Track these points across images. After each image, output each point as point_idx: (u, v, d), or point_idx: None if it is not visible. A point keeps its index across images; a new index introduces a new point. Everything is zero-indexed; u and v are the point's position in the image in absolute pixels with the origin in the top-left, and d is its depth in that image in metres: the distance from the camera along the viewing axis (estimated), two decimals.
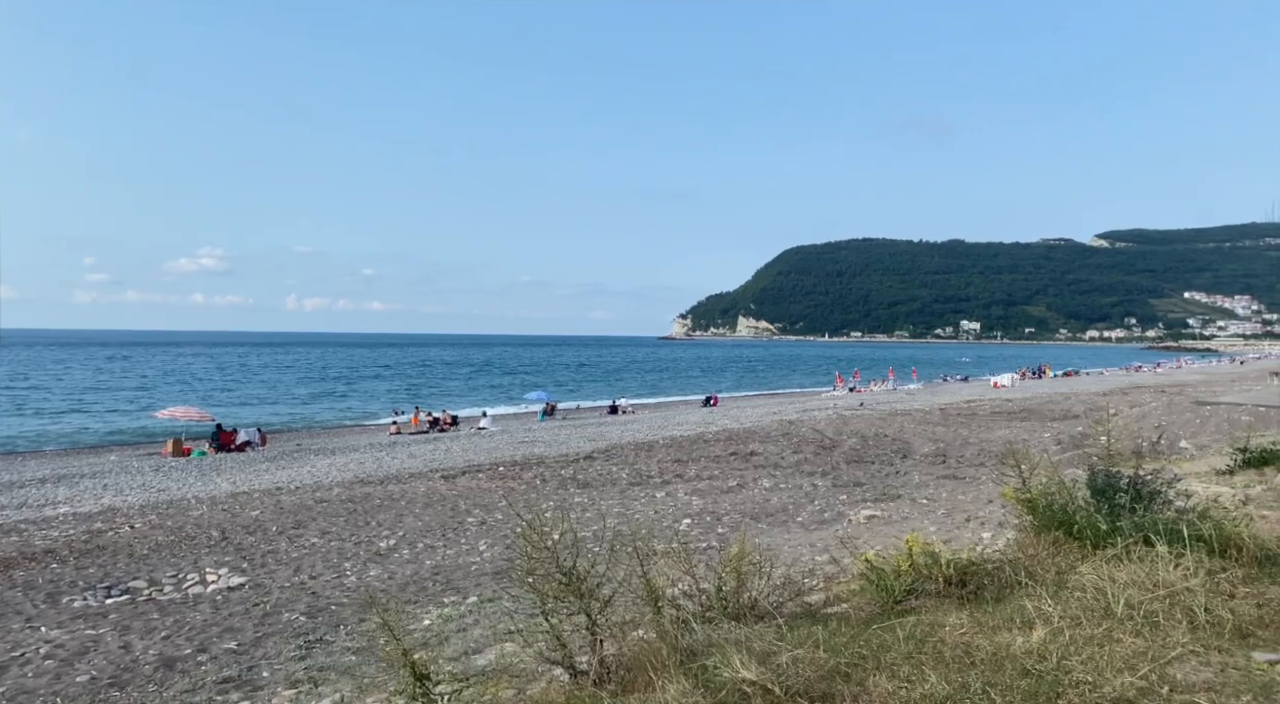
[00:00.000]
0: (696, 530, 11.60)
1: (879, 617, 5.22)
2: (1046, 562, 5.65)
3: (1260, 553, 5.41)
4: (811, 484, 15.62)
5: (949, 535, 9.28)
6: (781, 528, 11.60)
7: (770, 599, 5.53)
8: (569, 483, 16.31)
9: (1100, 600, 4.74)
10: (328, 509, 14.53)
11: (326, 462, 22.55)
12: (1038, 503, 6.13)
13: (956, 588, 5.42)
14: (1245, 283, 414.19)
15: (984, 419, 28.22)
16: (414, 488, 16.53)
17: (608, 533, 11.51)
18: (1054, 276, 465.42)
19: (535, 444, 24.11)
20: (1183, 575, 4.91)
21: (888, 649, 4.28)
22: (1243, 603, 4.72)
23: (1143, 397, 33.72)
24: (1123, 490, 5.89)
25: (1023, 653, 4.13)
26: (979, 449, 20.09)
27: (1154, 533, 5.42)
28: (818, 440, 22.32)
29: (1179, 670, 3.92)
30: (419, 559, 10.57)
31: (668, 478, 16.64)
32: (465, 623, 7.07)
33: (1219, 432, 19.61)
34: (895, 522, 11.21)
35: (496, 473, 17.94)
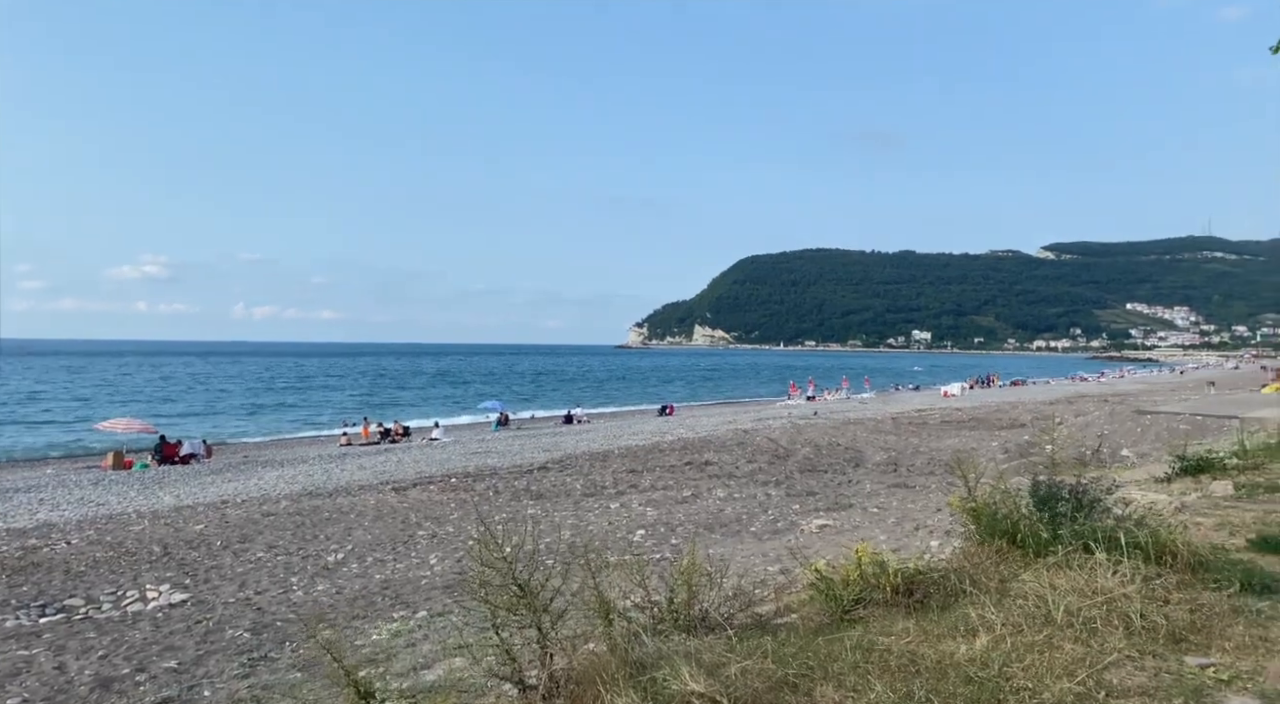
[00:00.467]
0: (650, 541, 11.60)
1: (828, 627, 5.26)
2: (990, 570, 5.75)
3: (1194, 559, 5.58)
4: (765, 493, 15.72)
5: (899, 544, 9.40)
6: (735, 538, 11.65)
7: (721, 610, 5.55)
8: (523, 494, 16.20)
9: (1041, 607, 4.85)
10: (275, 522, 14.24)
11: (274, 474, 22.10)
12: (982, 512, 6.24)
13: (904, 597, 5.49)
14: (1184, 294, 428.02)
15: (934, 428, 28.71)
16: (364, 500, 16.27)
17: (561, 545, 11.50)
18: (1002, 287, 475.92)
19: (489, 455, 23.91)
20: (1120, 582, 5.04)
21: (835, 659, 4.32)
22: (1177, 608, 4.86)
23: (1087, 406, 34.58)
24: (1064, 499, 6.03)
25: (966, 661, 4.20)
26: (929, 458, 20.42)
27: (1093, 540, 5.56)
28: (772, 450, 22.48)
29: (1115, 676, 4.02)
30: (368, 573, 10.40)
31: (622, 488, 16.62)
32: (414, 638, 6.97)
33: (1159, 440, 20.19)
34: (847, 530, 11.32)
35: (449, 484, 17.75)
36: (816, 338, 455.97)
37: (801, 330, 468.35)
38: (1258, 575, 5.48)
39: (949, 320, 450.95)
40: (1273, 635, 4.58)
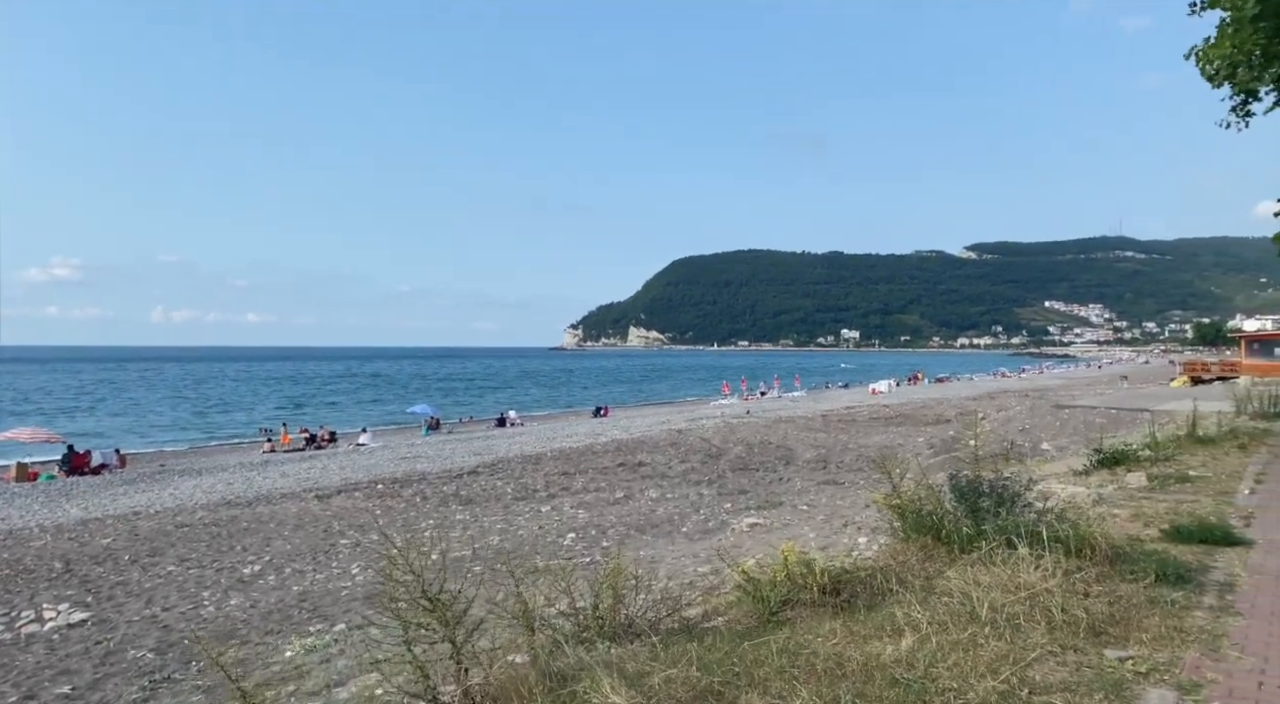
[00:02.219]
0: (581, 545, 11.42)
1: (755, 630, 5.17)
2: (916, 567, 5.74)
3: (1112, 552, 5.66)
4: (698, 493, 15.68)
5: (827, 541, 9.41)
6: (666, 539, 11.55)
7: (648, 616, 5.41)
8: (451, 499, 15.84)
9: (966, 605, 4.83)
10: (189, 534, 13.61)
11: (192, 483, 21.21)
12: (907, 509, 6.24)
13: (831, 597, 5.43)
14: (1098, 292, 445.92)
15: (863, 425, 29.16)
16: (285, 509, 15.69)
17: (489, 551, 11.23)
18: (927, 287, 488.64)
19: (417, 460, 23.38)
20: (1042, 576, 5.06)
21: (761, 664, 4.22)
22: (1096, 601, 4.90)
23: (1009, 401, 35.59)
24: (985, 494, 6.06)
25: (892, 662, 4.14)
26: (858, 454, 20.68)
27: (1016, 536, 5.59)
28: (705, 449, 22.50)
29: (1038, 672, 4.00)
30: (285, 585, 9.97)
31: (554, 491, 16.38)
32: (329, 653, 6.65)
33: (1076, 433, 20.83)
34: (777, 528, 11.32)
35: (374, 491, 17.26)
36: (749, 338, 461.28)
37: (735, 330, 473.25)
38: (1171, 565, 5.58)
39: (876, 319, 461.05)
40: (1187, 626, 4.64)
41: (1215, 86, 10.82)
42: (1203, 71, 10.86)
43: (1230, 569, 5.89)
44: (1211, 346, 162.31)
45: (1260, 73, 10.25)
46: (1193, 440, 13.54)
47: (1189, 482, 9.91)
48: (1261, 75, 10.20)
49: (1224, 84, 10.85)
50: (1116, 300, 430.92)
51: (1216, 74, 10.74)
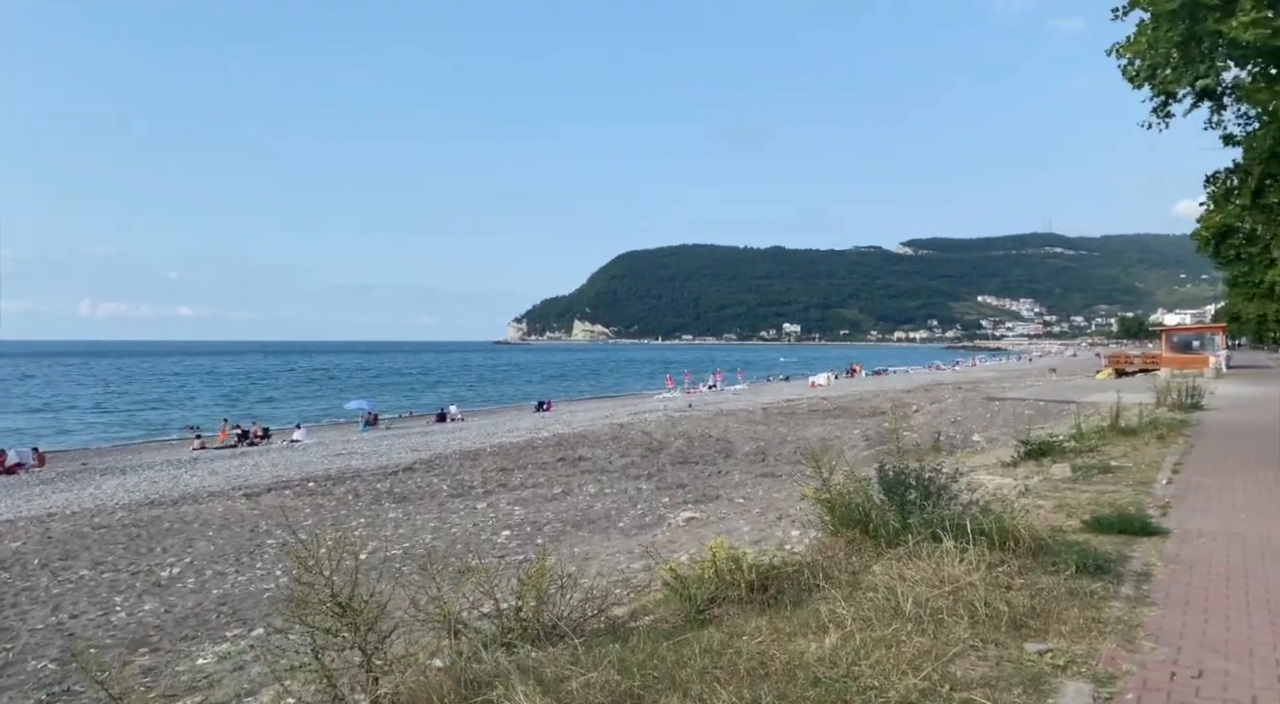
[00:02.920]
0: (515, 542, 11.25)
1: (682, 628, 5.09)
2: (843, 562, 5.73)
3: (1035, 543, 5.72)
4: (636, 488, 15.61)
5: (761, 535, 9.41)
6: (603, 535, 11.45)
7: (573, 617, 5.29)
8: (384, 497, 15.49)
9: (891, 600, 4.82)
10: (106, 536, 13.05)
11: (114, 482, 20.39)
12: (836, 503, 6.23)
13: (759, 593, 5.38)
14: (1029, 287, 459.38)
15: (802, 417, 29.47)
16: (211, 508, 15.17)
17: (420, 550, 10.98)
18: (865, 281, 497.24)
19: (353, 456, 22.86)
20: (967, 570, 5.08)
21: (684, 665, 4.13)
22: (1018, 594, 4.93)
23: (942, 393, 36.34)
24: (912, 487, 6.08)
25: (815, 660, 4.09)
26: (796, 446, 20.84)
27: (942, 528, 5.61)
28: (646, 443, 22.45)
29: (959, 667, 4.00)
30: (205, 588, 9.60)
31: (491, 488, 16.14)
32: (244, 660, 6.38)
33: (1007, 425, 21.31)
34: (713, 522, 11.30)
35: (306, 489, 16.79)
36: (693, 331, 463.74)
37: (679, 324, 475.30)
38: (1091, 557, 5.66)
39: (817, 313, 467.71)
40: (1105, 616, 4.70)
41: (1136, 87, 11.08)
42: (1124, 72, 11.11)
43: (1147, 559, 6.01)
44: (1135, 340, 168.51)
45: (1178, 75, 10.52)
46: (1115, 431, 13.92)
47: (1111, 472, 10.16)
48: (1179, 77, 10.47)
49: (1144, 85, 11.12)
50: (1046, 295, 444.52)
51: (1137, 75, 11.00)
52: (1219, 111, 11.63)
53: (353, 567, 4.29)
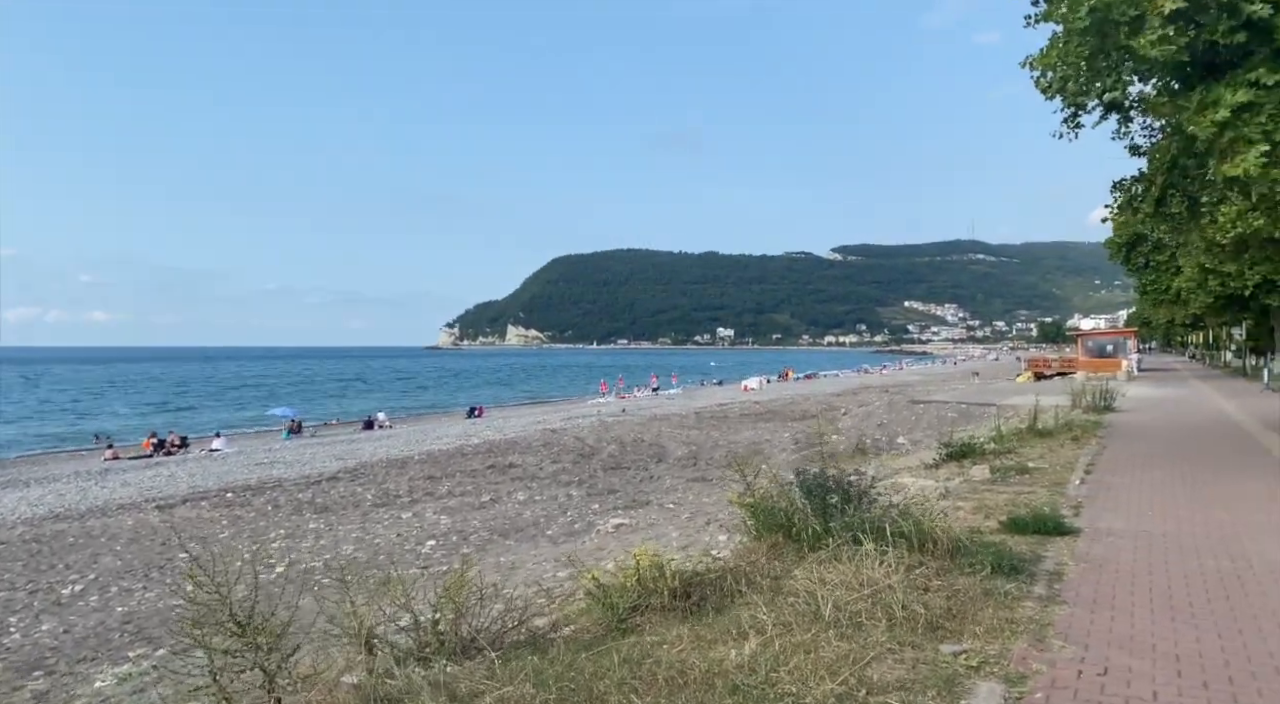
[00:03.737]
0: (440, 552, 11.01)
1: (603, 638, 5.01)
2: (766, 567, 5.73)
3: (953, 545, 5.81)
4: (567, 494, 15.47)
5: (689, 540, 9.39)
6: (530, 543, 11.29)
7: (492, 629, 5.17)
8: (305, 507, 15.02)
9: (811, 604, 4.82)
10: (3, 553, 12.37)
11: (16, 495, 19.36)
12: (759, 508, 6.23)
13: (681, 601, 5.34)
14: (953, 293, 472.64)
15: (734, 421, 29.69)
16: (120, 522, 14.50)
17: (341, 562, 10.66)
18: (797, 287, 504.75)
19: (275, 465, 22.17)
20: (885, 573, 5.12)
21: (601, 676, 4.06)
22: (935, 596, 4.99)
23: (870, 397, 37.06)
24: (833, 491, 6.12)
25: (734, 667, 4.06)
26: (727, 450, 20.96)
27: (862, 532, 5.65)
28: (578, 448, 22.31)
29: (876, 671, 4.01)
30: (109, 606, 9.15)
31: (417, 496, 15.81)
32: (146, 682, 6.07)
33: (930, 427, 21.81)
34: (642, 528, 11.25)
35: (223, 500, 16.19)
36: (629, 336, 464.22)
37: (614, 329, 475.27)
38: (1007, 557, 5.78)
39: (750, 318, 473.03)
40: (1018, 616, 4.79)
41: (1048, 98, 11.44)
42: (1037, 84, 11.46)
43: (1059, 558, 6.16)
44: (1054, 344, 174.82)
45: (1087, 88, 10.90)
46: (1033, 433, 14.36)
47: (1027, 473, 10.45)
48: (1088, 90, 10.85)
49: (1056, 97, 11.49)
50: (970, 300, 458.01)
51: (1049, 87, 11.36)
52: (1126, 123, 12.09)
53: (253, 583, 4.09)
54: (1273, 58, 8.87)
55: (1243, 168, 9.11)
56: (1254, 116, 9.03)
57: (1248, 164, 9.05)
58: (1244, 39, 8.88)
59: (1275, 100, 8.92)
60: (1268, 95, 8.94)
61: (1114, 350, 46.22)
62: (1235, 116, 9.09)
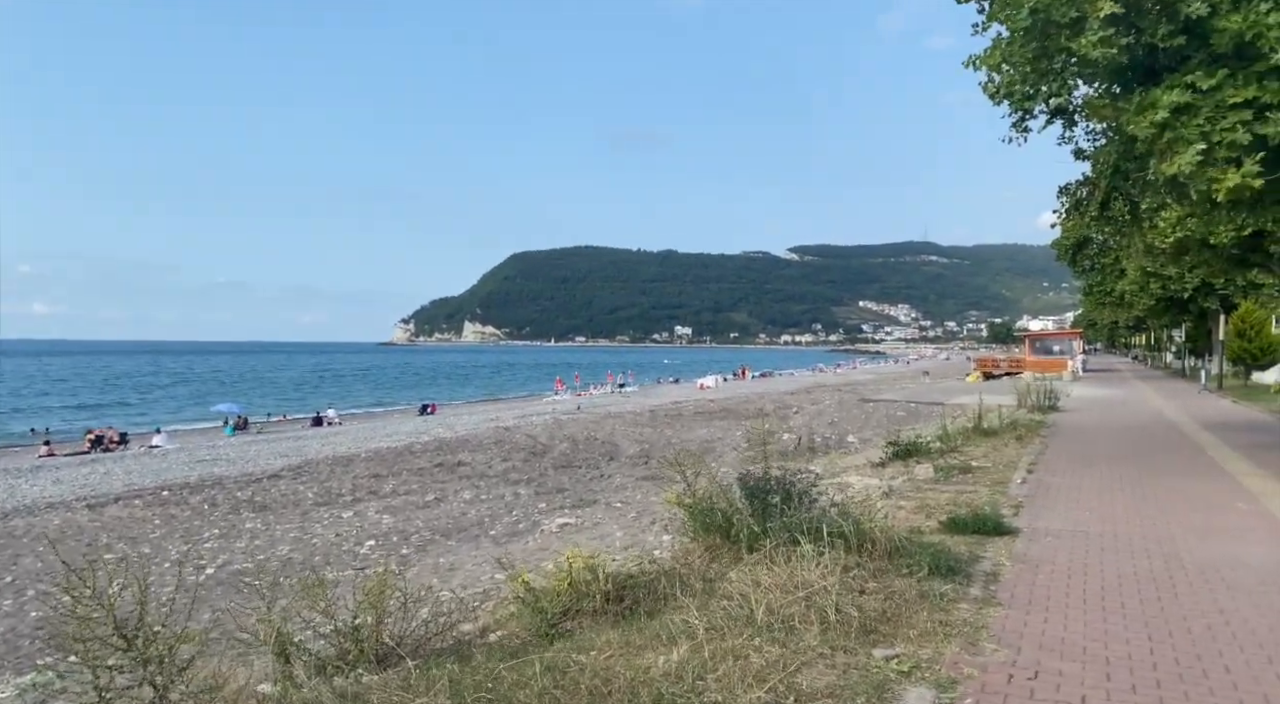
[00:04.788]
0: (378, 553, 10.73)
1: (530, 644, 4.85)
2: (701, 569, 5.61)
3: (891, 546, 5.74)
4: (514, 493, 15.24)
5: (633, 540, 9.27)
6: (472, 543, 11.06)
7: (419, 634, 4.98)
8: (244, 505, 14.59)
9: (744, 607, 4.71)
10: None
11: None
12: (697, 508, 6.12)
13: (614, 604, 5.20)
14: (906, 293, 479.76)
15: (688, 419, 29.65)
16: (46, 521, 13.93)
17: (275, 563, 10.34)
18: (754, 286, 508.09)
19: (216, 463, 21.57)
20: (822, 574, 5.03)
21: (523, 685, 3.89)
22: (871, 598, 4.91)
23: (822, 395, 37.34)
24: (774, 491, 6.02)
25: (661, 675, 3.92)
26: (680, 449, 20.84)
27: (800, 532, 5.56)
28: (530, 446, 22.08)
29: (806, 677, 3.90)
30: (22, 611, 8.74)
31: (360, 495, 15.45)
32: (53, 690, 5.75)
33: (880, 426, 21.99)
34: (587, 528, 11.10)
35: (158, 498, 15.65)
36: (586, 333, 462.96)
37: (572, 326, 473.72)
38: (945, 558, 5.73)
39: (708, 317, 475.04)
40: (952, 619, 4.72)
41: (995, 103, 11.53)
42: (984, 89, 11.55)
43: (997, 559, 6.15)
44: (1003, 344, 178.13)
45: (1033, 91, 11.00)
46: (978, 433, 14.51)
47: (970, 472, 10.51)
48: (1034, 94, 10.94)
49: (1003, 102, 11.58)
50: (922, 301, 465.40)
51: (997, 92, 11.45)
52: (1070, 127, 12.24)
53: (173, 586, 3.85)
54: (1209, 62, 9.00)
55: (1179, 166, 9.24)
56: (1192, 118, 9.17)
57: (1184, 162, 9.19)
58: (1182, 43, 9.00)
59: (1211, 103, 9.05)
60: (1204, 98, 9.07)
61: (1060, 351, 47.25)
62: (1173, 117, 9.21)
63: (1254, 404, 23.19)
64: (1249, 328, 31.94)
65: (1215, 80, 8.95)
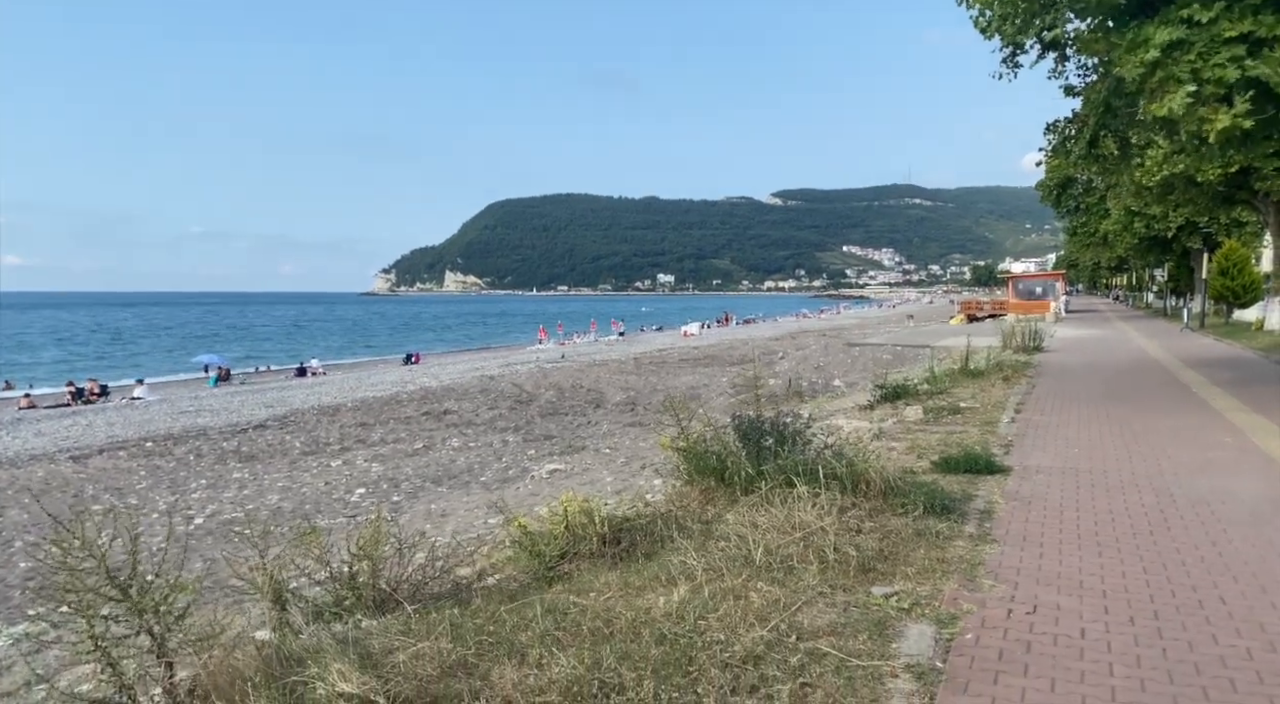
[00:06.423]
0: (369, 500, 10.69)
1: (529, 587, 4.84)
2: (697, 511, 5.60)
3: (886, 486, 5.73)
4: (502, 440, 15.23)
5: (624, 485, 9.27)
6: (463, 490, 11.05)
7: (416, 579, 4.95)
8: (230, 456, 14.50)
9: (743, 548, 4.70)
10: None
11: None
12: (692, 451, 6.09)
13: (611, 547, 5.19)
14: (890, 237, 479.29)
15: (673, 366, 29.65)
16: (30, 473, 13.80)
17: (265, 512, 10.30)
18: (737, 232, 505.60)
19: (200, 414, 21.39)
20: (818, 515, 5.02)
21: (525, 627, 3.88)
22: (868, 537, 4.92)
23: (807, 340, 37.40)
24: (768, 433, 5.99)
25: (662, 616, 3.91)
26: (666, 395, 20.88)
27: (795, 474, 5.54)
28: (515, 395, 22.03)
29: (807, 616, 3.90)
30: (11, 562, 8.67)
31: (348, 444, 15.39)
32: (43, 641, 5.71)
33: (866, 370, 22.06)
34: (577, 474, 11.10)
35: (142, 449, 15.53)
36: (569, 282, 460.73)
37: (554, 275, 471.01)
38: (939, 497, 5.74)
39: (691, 264, 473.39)
40: (949, 556, 4.74)
41: (987, 38, 11.31)
42: (975, 24, 11.31)
43: (990, 497, 6.17)
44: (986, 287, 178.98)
45: (1025, 26, 10.78)
46: (965, 374, 14.54)
47: (959, 413, 10.55)
48: (1026, 29, 10.73)
49: (995, 36, 11.35)
50: (906, 244, 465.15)
51: (988, 26, 11.22)
52: (1062, 63, 12.04)
53: (129, 541, 3.78)
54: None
55: (1169, 107, 9.12)
56: (1184, 55, 9.02)
57: (1175, 103, 9.07)
58: None
59: (1206, 38, 8.90)
60: (1198, 33, 8.91)
61: (1043, 292, 47.43)
62: (1165, 56, 9.06)
63: (1236, 341, 23.41)
64: (1232, 266, 32.09)
65: (1213, 13, 8.79)
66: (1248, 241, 34.19)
